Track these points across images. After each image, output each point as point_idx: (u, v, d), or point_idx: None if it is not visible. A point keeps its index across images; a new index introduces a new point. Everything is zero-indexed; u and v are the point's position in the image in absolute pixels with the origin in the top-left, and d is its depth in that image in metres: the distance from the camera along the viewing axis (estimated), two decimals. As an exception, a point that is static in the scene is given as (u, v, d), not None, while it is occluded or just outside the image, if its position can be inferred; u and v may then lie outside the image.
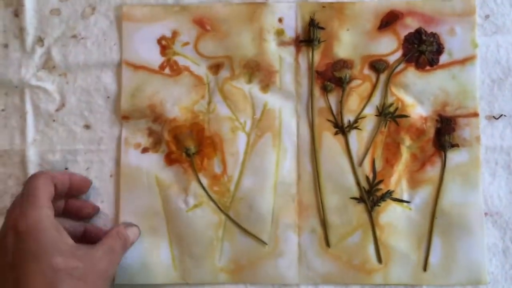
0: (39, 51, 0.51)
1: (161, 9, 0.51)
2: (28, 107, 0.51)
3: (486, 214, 0.48)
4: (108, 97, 0.51)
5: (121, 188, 0.50)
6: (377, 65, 0.50)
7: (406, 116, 0.49)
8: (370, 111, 0.50)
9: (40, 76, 0.51)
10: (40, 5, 0.52)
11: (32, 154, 0.50)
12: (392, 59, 0.50)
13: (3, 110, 0.51)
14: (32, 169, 0.50)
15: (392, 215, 0.49)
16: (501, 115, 0.49)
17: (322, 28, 0.50)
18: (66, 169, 0.50)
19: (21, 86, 0.51)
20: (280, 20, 0.51)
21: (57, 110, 0.51)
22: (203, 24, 0.51)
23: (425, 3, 0.50)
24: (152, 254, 0.49)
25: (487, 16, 0.50)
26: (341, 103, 0.50)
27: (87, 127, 0.51)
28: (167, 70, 0.51)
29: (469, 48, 0.49)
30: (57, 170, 0.50)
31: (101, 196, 0.50)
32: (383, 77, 0.50)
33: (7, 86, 0.51)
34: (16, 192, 0.50)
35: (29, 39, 0.52)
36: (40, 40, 0.51)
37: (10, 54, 0.52)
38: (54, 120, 0.51)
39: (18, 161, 0.51)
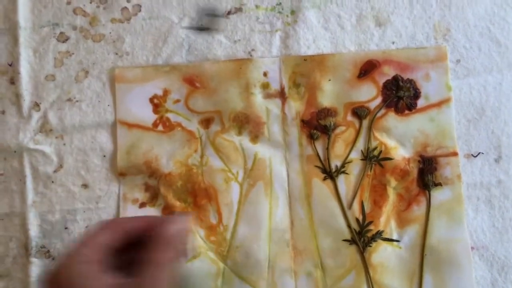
0: (36, 115, 0.53)
1: (152, 70, 0.54)
2: (27, 171, 0.53)
3: (472, 248, 0.50)
4: (104, 156, 0.53)
5: (121, 244, 0.51)
6: (359, 112, 0.53)
7: (390, 159, 0.52)
8: (355, 155, 0.52)
9: (37, 139, 0.53)
10: (35, 72, 0.54)
11: (32, 216, 0.52)
12: (373, 105, 0.53)
13: (2, 174, 0.53)
14: (33, 231, 0.52)
15: (383, 254, 0.51)
16: (479, 153, 0.52)
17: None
18: (66, 228, 0.52)
19: (19, 150, 0.53)
20: (265, 74, 0.54)
21: (55, 171, 0.53)
22: (192, 82, 0.54)
23: (400, 52, 0.53)
24: (153, 304, 0.50)
25: (458, 61, 0.53)
26: (327, 149, 0.52)
27: (85, 186, 0.53)
28: (160, 127, 0.53)
29: (444, 91, 0.53)
30: (57, 230, 0.52)
31: (101, 253, 0.51)
32: (365, 122, 0.53)
33: (6, 151, 0.53)
34: (18, 254, 0.52)
35: (26, 104, 0.54)
36: (36, 105, 0.54)
37: (8, 120, 0.54)
38: (52, 182, 0.52)
39: (18, 224, 0.52)
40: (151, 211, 0.52)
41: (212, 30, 0.48)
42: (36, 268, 0.51)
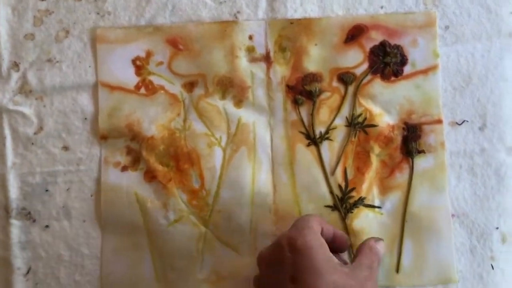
0: (15, 75, 0.52)
1: (134, 30, 0.53)
2: (7, 132, 0.52)
3: (453, 215, 0.51)
4: (85, 118, 0.52)
5: (102, 207, 0.51)
6: (345, 77, 0.52)
7: (374, 126, 0.51)
8: (340, 122, 0.52)
9: (17, 100, 0.52)
10: (14, 30, 0.53)
11: (12, 178, 0.51)
12: (359, 71, 0.52)
13: (-19, 135, 0.52)
14: (13, 193, 0.51)
15: (365, 220, 0.51)
16: (464, 121, 0.52)
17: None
18: (47, 191, 0.51)
19: (-2, 111, 0.52)
20: (250, 37, 0.52)
21: (35, 133, 0.52)
22: (176, 44, 0.52)
23: (388, 17, 0.52)
24: (136, 268, 0.51)
25: (447, 27, 0.52)
26: (312, 115, 0.52)
27: (65, 148, 0.52)
28: (142, 90, 0.52)
29: (431, 58, 0.52)
30: (38, 192, 0.51)
31: (83, 216, 0.51)
32: (351, 88, 0.52)
33: (-16, 111, 0.52)
34: (-2, 215, 0.51)
35: (4, 64, 0.52)
36: (15, 65, 0.52)
37: (-14, 80, 0.52)
38: (32, 143, 0.52)
39: (-2, 185, 0.52)
40: (133, 175, 0.52)
41: None
42: (17, 230, 0.51)
